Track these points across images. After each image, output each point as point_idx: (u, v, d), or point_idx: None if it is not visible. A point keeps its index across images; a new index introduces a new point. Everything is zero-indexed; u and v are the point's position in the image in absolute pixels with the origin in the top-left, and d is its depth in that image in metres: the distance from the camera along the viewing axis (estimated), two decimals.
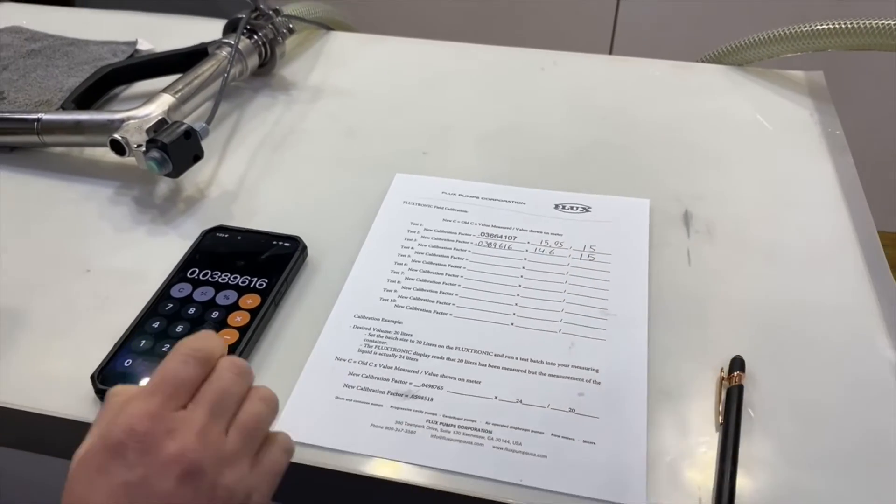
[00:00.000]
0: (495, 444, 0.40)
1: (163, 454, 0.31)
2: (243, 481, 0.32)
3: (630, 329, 0.46)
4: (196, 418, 0.32)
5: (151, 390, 0.33)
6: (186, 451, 0.31)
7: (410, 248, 0.53)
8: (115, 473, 0.31)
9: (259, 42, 0.70)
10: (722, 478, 0.38)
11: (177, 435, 0.31)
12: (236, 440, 0.33)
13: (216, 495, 0.31)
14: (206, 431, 0.32)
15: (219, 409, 0.33)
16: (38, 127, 0.60)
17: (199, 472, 0.31)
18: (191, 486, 0.30)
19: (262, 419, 0.34)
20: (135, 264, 0.52)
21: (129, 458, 0.31)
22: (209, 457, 0.31)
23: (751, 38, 0.72)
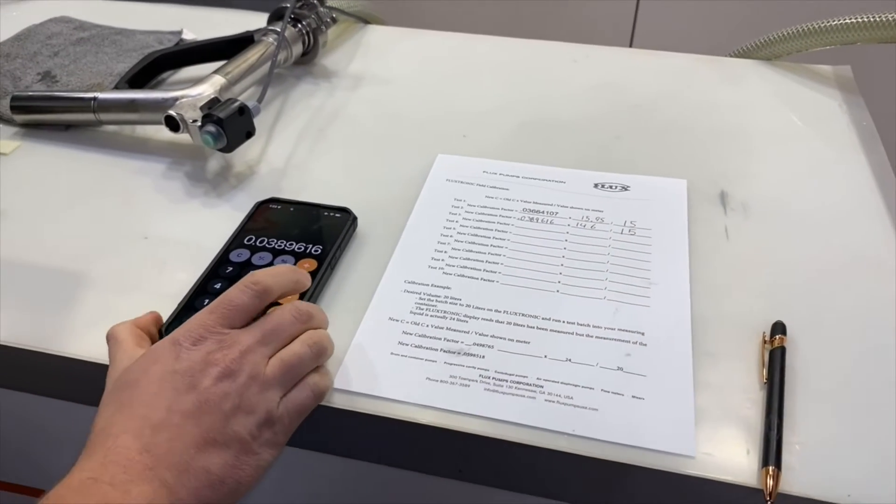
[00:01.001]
0: (547, 398, 0.42)
1: (209, 357, 0.37)
2: (268, 405, 0.37)
3: (673, 296, 0.48)
4: (245, 339, 0.38)
5: (211, 309, 0.39)
6: (228, 359, 0.37)
7: (455, 221, 0.55)
8: (165, 364, 0.37)
9: (303, 31, 0.72)
10: (770, 430, 0.39)
11: (224, 346, 0.37)
12: (274, 369, 0.38)
13: (241, 404, 0.36)
14: (249, 351, 0.37)
15: (268, 339, 0.38)
16: (94, 105, 0.62)
17: (233, 377, 0.36)
18: (222, 389, 0.36)
19: (302, 359, 0.39)
20: (190, 233, 0.54)
21: (181, 355, 0.37)
22: (245, 371, 0.37)
23: (779, 33, 0.74)
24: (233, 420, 0.36)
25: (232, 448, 0.35)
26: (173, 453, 0.34)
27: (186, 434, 0.34)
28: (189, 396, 0.35)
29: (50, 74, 0.72)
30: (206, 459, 0.34)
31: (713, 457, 0.39)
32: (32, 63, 0.74)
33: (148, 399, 0.35)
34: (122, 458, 0.33)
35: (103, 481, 0.32)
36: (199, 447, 0.34)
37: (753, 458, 0.39)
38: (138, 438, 0.34)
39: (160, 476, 0.33)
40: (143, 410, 0.35)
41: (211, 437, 0.35)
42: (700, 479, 0.38)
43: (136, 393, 0.36)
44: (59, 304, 0.48)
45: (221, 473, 0.35)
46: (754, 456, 0.39)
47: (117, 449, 0.33)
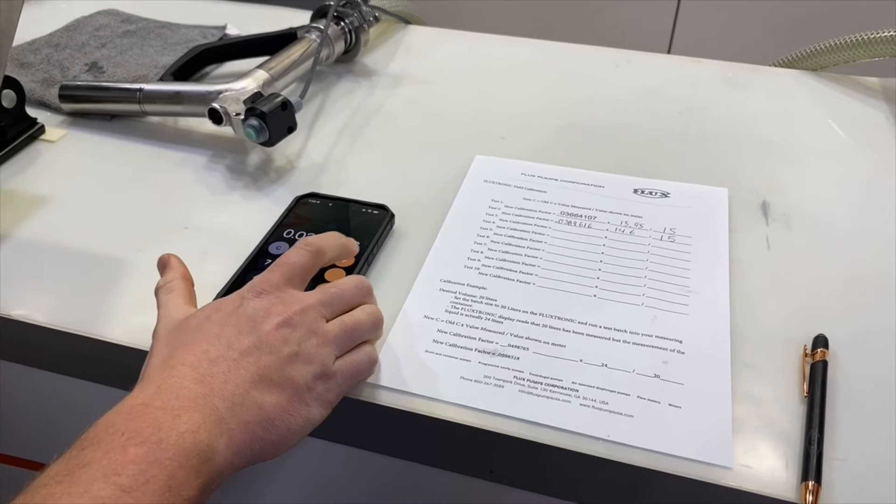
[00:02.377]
0: (582, 402, 0.41)
1: (272, 307, 0.38)
2: (324, 359, 0.38)
3: (712, 305, 0.47)
4: (306, 299, 0.39)
5: (272, 269, 0.40)
6: (290, 310, 0.38)
7: (492, 222, 0.55)
8: (228, 310, 0.38)
9: (345, 29, 0.73)
10: (810, 445, 0.39)
11: (287, 301, 0.39)
12: (333, 330, 0.39)
13: (299, 353, 0.37)
14: (311, 308, 0.39)
15: (329, 303, 0.40)
16: (139, 96, 0.64)
17: (292, 329, 0.38)
18: (282, 336, 0.37)
19: (362, 325, 0.40)
20: (230, 224, 0.55)
21: (245, 301, 0.38)
22: (305, 324, 0.38)
23: (826, 44, 0.73)
24: (289, 366, 0.37)
25: (286, 391, 0.36)
26: (228, 385, 0.35)
27: (243, 369, 0.35)
28: (250, 337, 0.37)
29: (97, 65, 0.74)
30: (260, 396, 0.35)
31: (751, 469, 0.38)
32: (80, 54, 0.76)
33: (209, 337, 0.37)
34: (176, 386, 0.34)
35: (154, 406, 0.33)
36: (254, 383, 0.35)
37: (793, 472, 0.38)
38: (195, 369, 0.35)
39: (212, 405, 0.34)
40: (203, 346, 0.36)
41: (267, 376, 0.36)
42: (737, 490, 0.37)
43: (198, 333, 0.37)
44: (101, 289, 0.49)
45: (273, 413, 0.35)
46: (793, 470, 0.38)
47: (173, 378, 0.34)
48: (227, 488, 0.52)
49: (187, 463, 0.32)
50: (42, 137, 0.64)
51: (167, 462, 0.31)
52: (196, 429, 0.32)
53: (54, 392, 0.53)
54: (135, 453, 0.31)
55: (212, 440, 0.33)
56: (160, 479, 0.31)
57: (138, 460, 0.31)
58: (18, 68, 0.73)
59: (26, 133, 0.63)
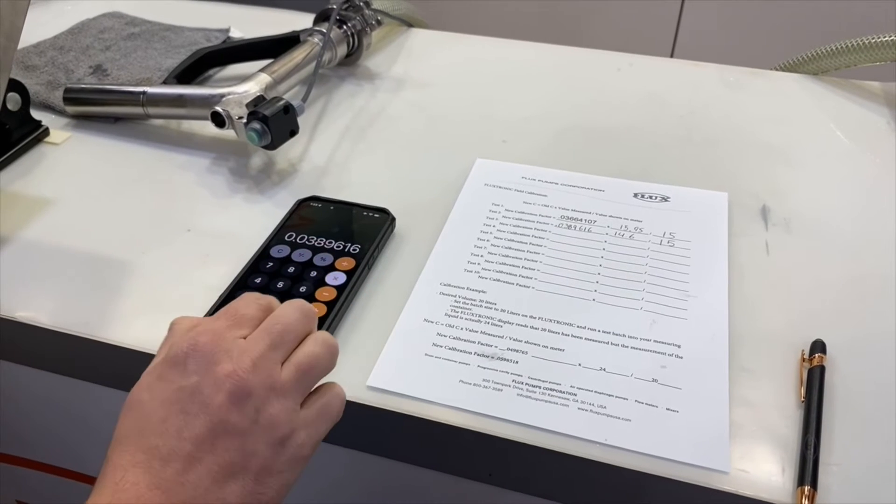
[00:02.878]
0: (580, 406, 0.42)
1: (218, 370, 0.33)
2: (290, 416, 0.34)
3: (711, 310, 0.48)
4: (255, 347, 0.34)
5: (216, 317, 0.36)
6: (239, 371, 0.33)
7: (492, 226, 0.55)
8: (172, 380, 0.33)
9: (348, 32, 0.73)
10: (806, 449, 0.39)
11: (234, 357, 0.33)
12: (290, 375, 0.34)
13: (259, 420, 0.33)
14: (261, 360, 0.34)
15: (278, 343, 0.35)
16: (143, 99, 0.64)
17: (248, 395, 0.33)
18: (237, 406, 0.32)
19: (319, 361, 0.35)
20: (232, 227, 0.55)
21: (188, 368, 0.33)
22: (260, 383, 0.33)
23: (827, 48, 0.73)
24: (251, 440, 0.32)
25: (251, 471, 0.32)
26: (186, 488, 0.31)
27: (199, 464, 0.31)
28: (199, 420, 0.32)
29: (101, 68, 0.74)
30: (223, 490, 0.31)
31: (748, 473, 0.38)
32: (85, 56, 0.76)
33: (156, 425, 0.32)
34: (131, 497, 0.30)
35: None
36: (213, 477, 0.31)
37: (789, 477, 0.38)
38: (147, 472, 0.31)
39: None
40: (152, 440, 0.32)
41: (227, 462, 0.32)
42: (733, 495, 0.38)
43: (144, 419, 0.33)
44: (104, 292, 0.49)
45: (240, 502, 0.32)
46: (790, 475, 0.38)
47: (126, 486, 0.31)
48: None
49: None
50: (46, 140, 0.65)
51: None
52: None
53: (57, 393, 0.54)
54: None
55: None
56: None
57: None
58: (23, 71, 0.73)
59: (31, 135, 0.64)
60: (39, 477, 0.62)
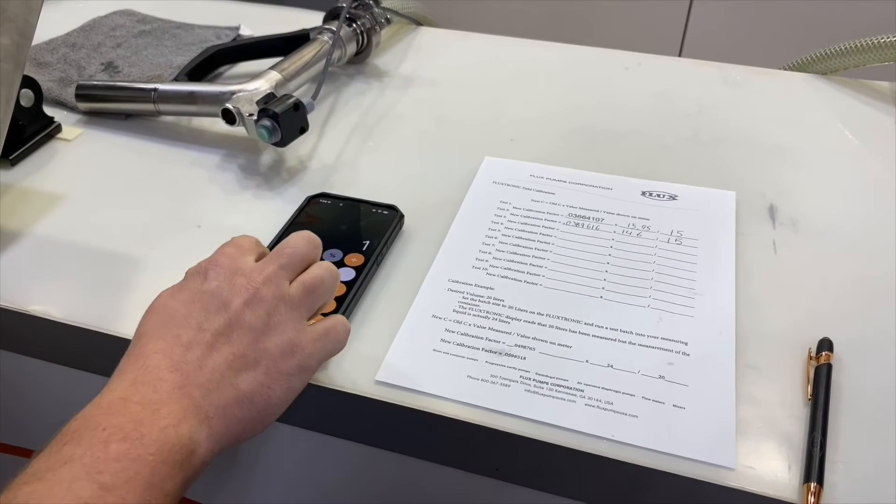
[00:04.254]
0: (587, 402, 0.42)
1: (235, 280, 0.38)
2: (296, 325, 0.38)
3: (717, 307, 0.48)
4: (266, 266, 0.39)
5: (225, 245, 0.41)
6: (254, 282, 0.38)
7: (500, 223, 0.56)
8: (193, 287, 0.38)
9: (357, 30, 0.74)
10: (813, 447, 0.39)
11: (247, 272, 0.39)
12: (297, 291, 0.39)
13: (270, 323, 0.37)
14: (272, 275, 0.39)
15: (286, 265, 0.39)
16: (154, 96, 0.64)
17: (260, 300, 0.37)
18: (251, 308, 0.37)
19: (322, 282, 0.40)
20: (242, 223, 0.55)
21: (209, 276, 0.38)
22: (271, 293, 0.38)
23: (836, 48, 0.73)
24: (262, 339, 0.37)
25: (262, 365, 0.36)
26: (203, 370, 0.35)
27: (217, 352, 0.35)
28: (220, 316, 0.36)
29: (112, 65, 0.75)
30: (236, 376, 0.35)
31: (754, 470, 0.39)
32: (96, 53, 0.77)
33: (178, 319, 0.36)
34: (152, 378, 0.34)
35: (133, 401, 0.33)
36: (229, 364, 0.35)
37: (795, 474, 0.38)
38: (169, 357, 0.35)
39: (189, 394, 0.34)
40: (173, 330, 0.36)
41: (241, 354, 0.36)
42: (740, 491, 0.38)
43: (167, 315, 0.37)
44: (116, 286, 0.50)
45: (251, 391, 0.35)
46: (796, 472, 0.39)
47: (148, 368, 0.34)
48: (231, 487, 0.53)
49: (170, 458, 0.31)
50: (59, 136, 0.65)
51: (150, 458, 0.31)
52: (177, 422, 0.32)
53: (68, 386, 0.54)
54: (117, 450, 0.30)
55: (193, 432, 0.33)
56: (143, 475, 0.30)
57: (120, 457, 0.30)
58: (36, 68, 0.74)
59: (43, 132, 0.64)
60: None
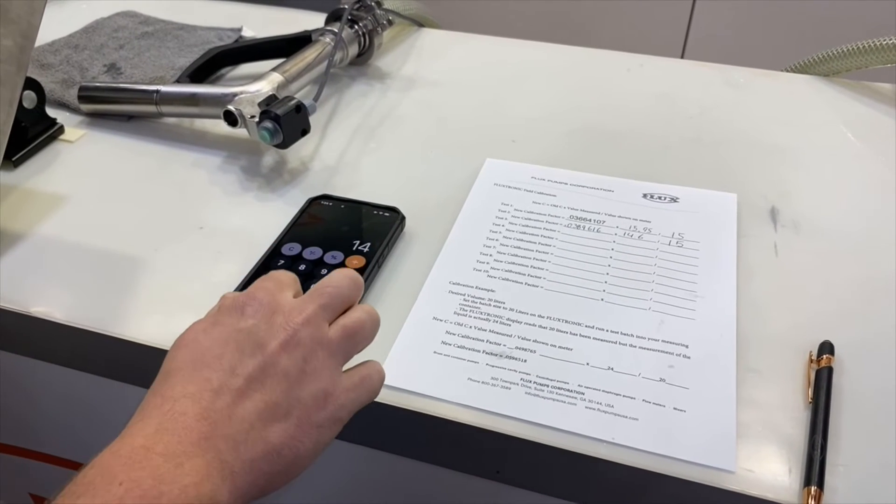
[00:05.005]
0: (587, 405, 0.42)
1: (273, 320, 0.35)
2: (332, 373, 0.36)
3: (718, 310, 0.48)
4: (306, 305, 0.36)
5: (264, 279, 0.38)
6: (292, 323, 0.35)
7: (501, 225, 0.56)
8: (229, 323, 0.35)
9: (359, 32, 0.74)
10: (813, 450, 0.39)
11: (286, 311, 0.36)
12: (337, 335, 0.36)
13: (306, 370, 0.35)
14: (312, 316, 0.36)
15: (328, 305, 0.37)
16: (156, 98, 0.65)
17: (298, 344, 0.35)
18: (288, 352, 0.34)
19: (363, 327, 0.38)
20: (244, 225, 0.56)
21: (246, 313, 0.36)
22: (309, 335, 0.35)
23: (838, 49, 0.73)
24: (297, 387, 0.34)
25: (293, 416, 0.34)
26: (233, 421, 0.32)
27: (248, 399, 0.33)
28: (254, 359, 0.34)
29: (115, 66, 0.75)
30: (266, 428, 0.33)
31: (754, 473, 0.39)
32: (99, 55, 0.77)
33: (210, 360, 0.34)
34: (178, 426, 0.31)
35: (155, 451, 0.30)
36: (259, 414, 0.33)
37: (795, 477, 0.38)
38: (197, 402, 0.32)
39: (216, 447, 0.31)
40: (205, 372, 0.33)
41: (273, 403, 0.33)
42: (739, 494, 0.38)
43: (199, 354, 0.34)
44: (118, 288, 0.50)
45: (280, 443, 0.33)
46: (796, 475, 0.39)
47: (174, 415, 0.32)
48: None
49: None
50: (61, 137, 0.66)
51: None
52: (199, 481, 0.30)
53: (71, 387, 0.54)
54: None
55: (215, 491, 0.30)
56: None
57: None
58: (39, 69, 0.74)
59: (46, 133, 0.65)
60: (52, 470, 0.63)
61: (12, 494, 0.68)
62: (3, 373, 0.56)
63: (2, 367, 0.55)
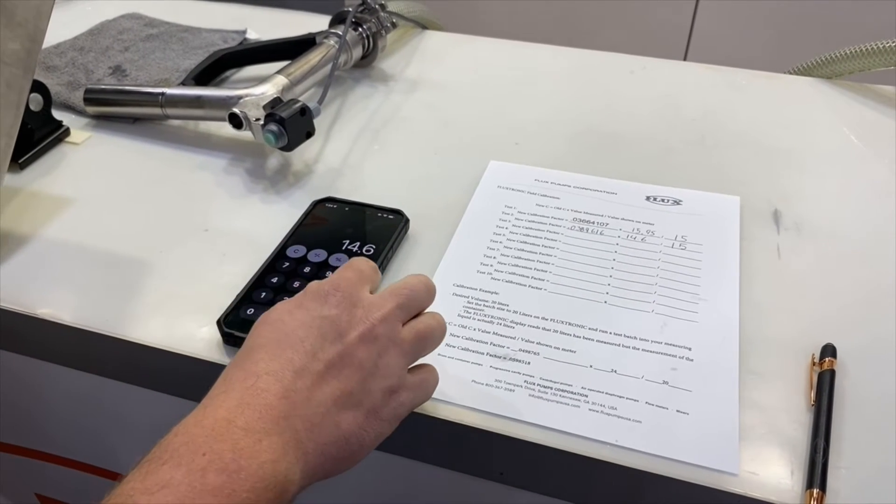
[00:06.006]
0: (591, 407, 0.42)
1: (355, 312, 0.37)
2: (401, 371, 0.37)
3: (721, 313, 0.48)
4: (385, 303, 0.38)
5: (346, 268, 0.40)
6: (371, 318, 0.37)
7: (505, 227, 0.56)
8: (314, 309, 0.37)
9: (363, 34, 0.74)
10: (815, 453, 0.39)
11: (366, 305, 0.37)
12: (409, 336, 0.38)
13: (379, 364, 0.36)
14: (389, 314, 0.37)
15: (404, 306, 0.38)
16: (162, 100, 0.65)
17: (374, 339, 0.36)
18: (365, 345, 0.36)
19: (433, 332, 0.39)
20: (249, 227, 0.56)
21: (330, 301, 0.37)
22: (385, 332, 0.37)
23: (841, 52, 0.73)
24: (370, 380, 0.36)
25: (364, 407, 0.35)
26: (311, 403, 0.34)
27: (326, 384, 0.34)
28: (335, 346, 0.35)
29: (120, 69, 0.75)
30: (339, 414, 0.34)
31: (757, 475, 0.39)
32: (104, 57, 0.77)
33: (294, 341, 0.35)
34: (260, 402, 0.33)
35: (237, 424, 0.32)
36: (335, 400, 0.34)
37: (798, 479, 0.39)
38: (279, 381, 0.34)
39: (293, 426, 0.33)
40: (288, 352, 0.35)
41: (348, 391, 0.35)
42: (742, 496, 0.38)
43: (283, 334, 0.36)
44: (123, 290, 0.50)
45: (349, 431, 0.35)
46: (799, 478, 0.39)
47: (257, 390, 0.33)
48: None
49: (264, 496, 0.31)
50: (67, 140, 0.66)
51: (245, 495, 0.30)
52: (276, 458, 0.32)
53: (77, 389, 0.55)
54: (214, 483, 0.30)
55: (289, 470, 0.32)
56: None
57: (216, 491, 0.30)
58: (45, 71, 0.74)
59: (52, 135, 0.65)
60: (58, 470, 0.63)
61: (19, 494, 0.69)
62: (9, 373, 0.56)
63: (8, 367, 0.56)
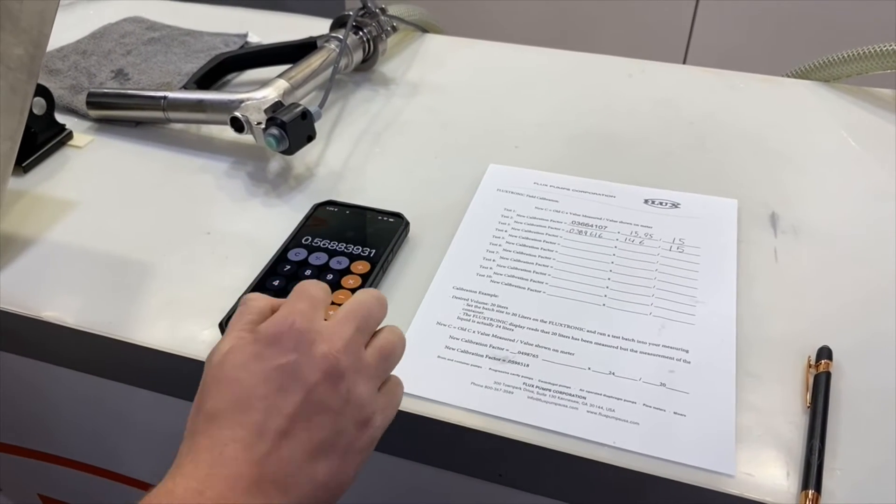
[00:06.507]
0: (589, 409, 0.43)
1: (314, 350, 0.34)
2: (372, 397, 0.36)
3: (719, 315, 0.48)
4: (343, 330, 0.36)
5: (295, 299, 0.37)
6: (334, 351, 0.35)
7: (504, 231, 0.56)
8: (269, 358, 0.34)
9: (364, 38, 0.74)
10: (811, 454, 0.39)
11: (326, 339, 0.35)
12: (373, 359, 0.37)
13: (350, 399, 0.35)
14: (350, 342, 0.36)
15: (363, 328, 0.37)
16: (164, 104, 0.65)
17: (340, 375, 0.34)
18: (331, 385, 0.34)
19: (394, 348, 0.38)
20: (250, 230, 0.56)
21: (285, 346, 0.35)
22: (350, 364, 0.35)
23: (839, 55, 0.74)
24: (341, 419, 0.34)
25: (338, 449, 0.34)
26: (281, 463, 0.32)
27: (294, 439, 0.33)
28: (297, 396, 0.33)
29: (122, 72, 0.76)
30: (313, 467, 0.33)
31: (753, 477, 0.39)
32: (107, 61, 0.78)
33: (254, 401, 0.33)
34: (228, 472, 0.32)
35: (207, 496, 0.31)
36: (307, 454, 0.33)
37: (793, 480, 0.39)
38: (248, 449, 0.32)
39: (265, 491, 0.32)
40: (251, 415, 0.33)
41: (318, 440, 0.33)
42: (739, 497, 0.38)
43: (242, 394, 0.34)
44: (126, 292, 0.51)
45: (326, 479, 0.34)
46: (794, 479, 0.39)
47: (225, 459, 0.32)
48: None
49: None
50: (70, 143, 0.67)
51: None
52: None
53: (80, 390, 0.55)
54: None
55: None
56: None
57: None
58: (47, 75, 0.75)
59: (55, 139, 0.66)
60: (61, 471, 0.64)
61: (22, 494, 0.69)
62: (14, 376, 0.57)
63: (12, 370, 0.56)
